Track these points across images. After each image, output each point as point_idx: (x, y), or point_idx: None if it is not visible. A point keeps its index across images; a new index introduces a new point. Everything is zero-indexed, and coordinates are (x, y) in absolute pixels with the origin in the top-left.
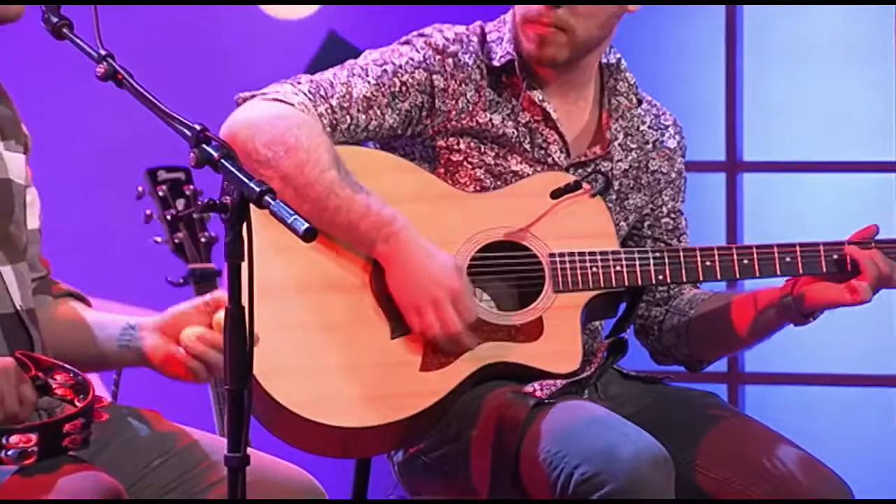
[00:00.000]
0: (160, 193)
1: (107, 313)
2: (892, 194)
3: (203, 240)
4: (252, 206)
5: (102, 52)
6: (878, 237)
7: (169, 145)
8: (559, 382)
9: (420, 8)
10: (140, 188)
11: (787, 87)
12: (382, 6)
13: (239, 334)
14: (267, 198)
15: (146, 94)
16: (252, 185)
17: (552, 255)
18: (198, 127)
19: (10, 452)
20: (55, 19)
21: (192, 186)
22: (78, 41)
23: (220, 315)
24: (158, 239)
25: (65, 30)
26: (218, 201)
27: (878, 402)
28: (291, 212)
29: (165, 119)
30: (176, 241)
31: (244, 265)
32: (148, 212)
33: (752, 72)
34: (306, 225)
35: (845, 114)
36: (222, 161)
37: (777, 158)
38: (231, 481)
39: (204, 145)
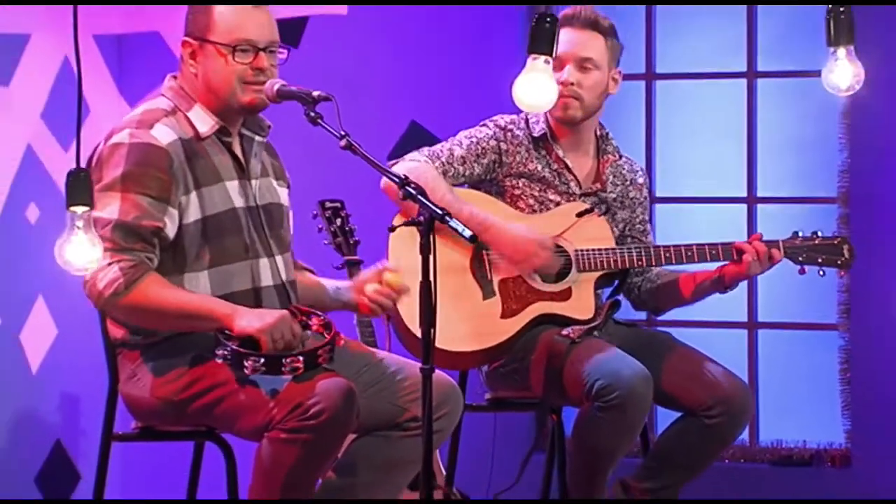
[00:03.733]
0: (327, 215)
1: (323, 279)
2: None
3: (351, 242)
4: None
5: (342, 132)
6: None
7: (336, 186)
8: (583, 327)
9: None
10: (314, 212)
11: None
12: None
13: (427, 295)
14: (445, 217)
15: (368, 155)
16: (435, 209)
17: (576, 250)
18: (402, 175)
19: (287, 368)
20: (313, 114)
21: (344, 211)
22: (327, 127)
23: (387, 276)
24: (326, 241)
25: (318, 121)
26: (414, 220)
27: (817, 343)
28: (461, 225)
29: (379, 169)
30: (336, 243)
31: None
32: (319, 226)
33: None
34: (470, 233)
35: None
36: (419, 196)
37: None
38: (424, 383)
39: (407, 187)
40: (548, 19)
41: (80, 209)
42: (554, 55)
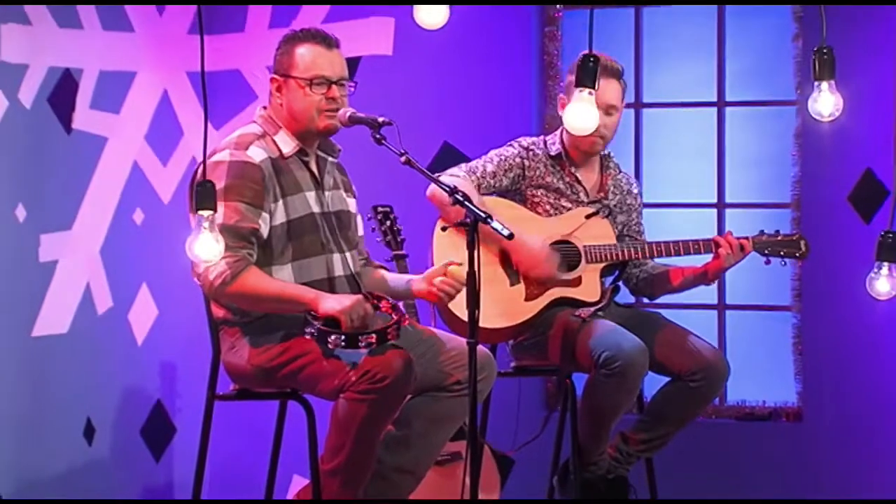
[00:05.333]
0: (378, 217)
1: (394, 274)
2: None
3: (398, 239)
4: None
5: (402, 150)
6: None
7: (385, 194)
8: (591, 308)
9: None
10: (369, 215)
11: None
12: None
13: (472, 283)
14: (487, 218)
15: (423, 169)
16: (479, 212)
17: (585, 245)
18: (452, 185)
19: (363, 344)
20: (378, 136)
21: (393, 214)
22: (389, 146)
23: (452, 268)
24: (378, 239)
25: (382, 141)
26: (464, 221)
27: (774, 321)
28: (501, 225)
29: (433, 181)
30: (386, 241)
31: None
32: (373, 227)
33: None
34: (509, 231)
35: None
36: (465, 202)
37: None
38: (470, 353)
39: (456, 195)
40: (591, 59)
41: (205, 212)
42: (596, 87)
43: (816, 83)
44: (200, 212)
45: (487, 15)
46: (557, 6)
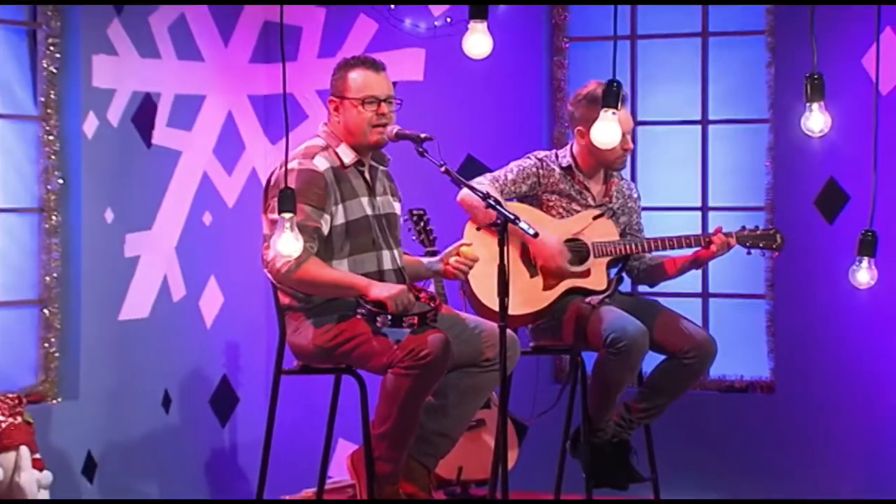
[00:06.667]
0: (414, 219)
1: (416, 257)
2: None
3: (431, 238)
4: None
5: (441, 161)
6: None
7: (419, 198)
8: (599, 297)
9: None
10: (405, 217)
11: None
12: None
13: (502, 275)
14: (515, 219)
15: (460, 178)
16: (509, 214)
17: (593, 242)
18: (484, 192)
19: (406, 324)
20: (420, 149)
21: (426, 216)
22: (431, 158)
23: (463, 249)
24: (413, 238)
25: (425, 154)
26: (495, 222)
27: (750, 307)
28: (527, 225)
29: (468, 188)
30: (420, 239)
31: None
32: (409, 227)
33: None
34: (534, 230)
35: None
36: (497, 206)
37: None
38: (501, 335)
39: (488, 200)
40: (615, 84)
41: (287, 214)
42: (620, 107)
43: (808, 104)
44: (283, 214)
45: (505, 46)
46: (564, 39)
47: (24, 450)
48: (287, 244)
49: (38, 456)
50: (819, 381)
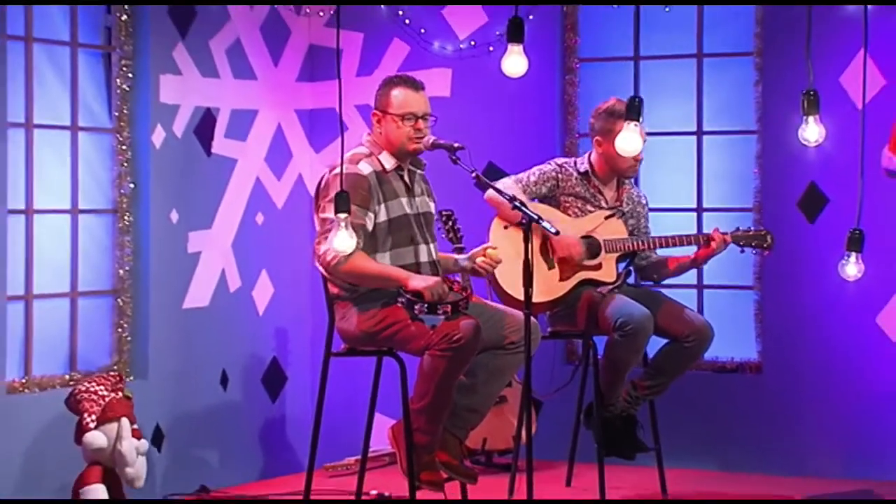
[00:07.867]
0: (443, 219)
1: (448, 254)
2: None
3: (459, 236)
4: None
5: (472, 168)
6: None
7: (448, 200)
8: (609, 287)
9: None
10: (435, 216)
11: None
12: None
13: (527, 268)
14: (539, 219)
15: (490, 183)
16: (532, 214)
17: (604, 239)
18: (511, 195)
19: (440, 312)
20: (454, 157)
21: (455, 216)
22: (463, 165)
23: (489, 251)
24: (443, 235)
25: (458, 161)
26: (521, 221)
27: (740, 298)
28: (549, 224)
29: (497, 191)
30: (449, 237)
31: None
32: (438, 226)
33: None
34: (556, 229)
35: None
36: (522, 208)
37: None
38: (526, 321)
39: (514, 202)
40: (636, 100)
41: (342, 215)
42: (641, 120)
43: (805, 117)
44: (339, 214)
45: None
46: (575, 60)
47: (124, 421)
48: (342, 241)
49: (136, 426)
50: (801, 362)
